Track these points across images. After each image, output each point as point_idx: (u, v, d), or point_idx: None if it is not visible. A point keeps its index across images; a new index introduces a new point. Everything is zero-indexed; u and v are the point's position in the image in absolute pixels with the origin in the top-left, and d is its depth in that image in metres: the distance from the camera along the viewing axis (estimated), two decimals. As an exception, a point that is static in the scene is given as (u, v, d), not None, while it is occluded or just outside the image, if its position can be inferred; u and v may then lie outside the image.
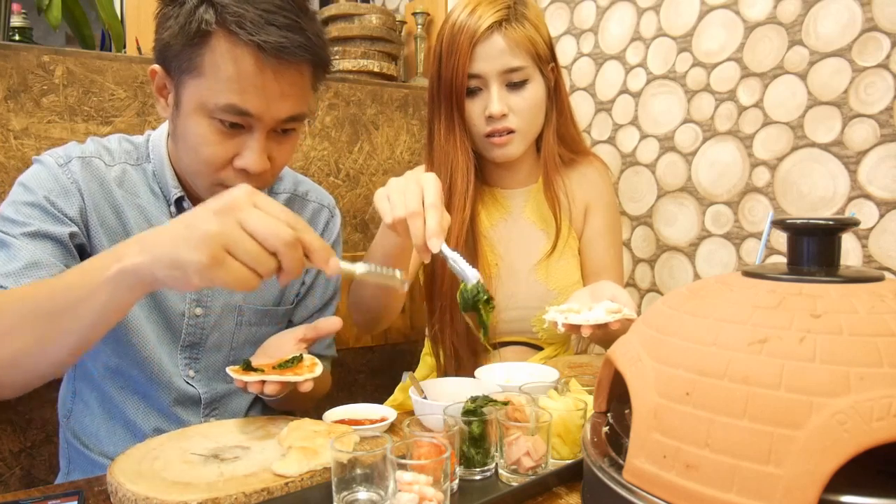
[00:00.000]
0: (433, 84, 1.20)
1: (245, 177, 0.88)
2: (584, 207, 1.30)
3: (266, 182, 0.94)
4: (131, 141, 0.99)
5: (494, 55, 1.12)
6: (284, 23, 0.82)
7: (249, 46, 0.81)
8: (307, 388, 0.83)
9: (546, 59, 1.19)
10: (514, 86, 1.15)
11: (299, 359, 0.88)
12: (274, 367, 0.86)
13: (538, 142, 1.27)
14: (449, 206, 1.15)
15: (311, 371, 0.85)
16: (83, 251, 0.91)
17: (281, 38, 0.81)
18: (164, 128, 0.98)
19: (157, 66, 0.89)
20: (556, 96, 1.23)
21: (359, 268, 0.72)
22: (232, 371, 0.85)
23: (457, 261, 0.82)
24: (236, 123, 0.85)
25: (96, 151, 0.95)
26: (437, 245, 0.80)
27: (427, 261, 0.83)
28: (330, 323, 0.95)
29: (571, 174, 1.29)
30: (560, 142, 1.26)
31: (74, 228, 0.89)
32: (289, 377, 0.83)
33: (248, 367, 0.86)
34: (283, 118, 0.87)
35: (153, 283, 0.65)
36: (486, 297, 0.85)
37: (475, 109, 1.16)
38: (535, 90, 1.17)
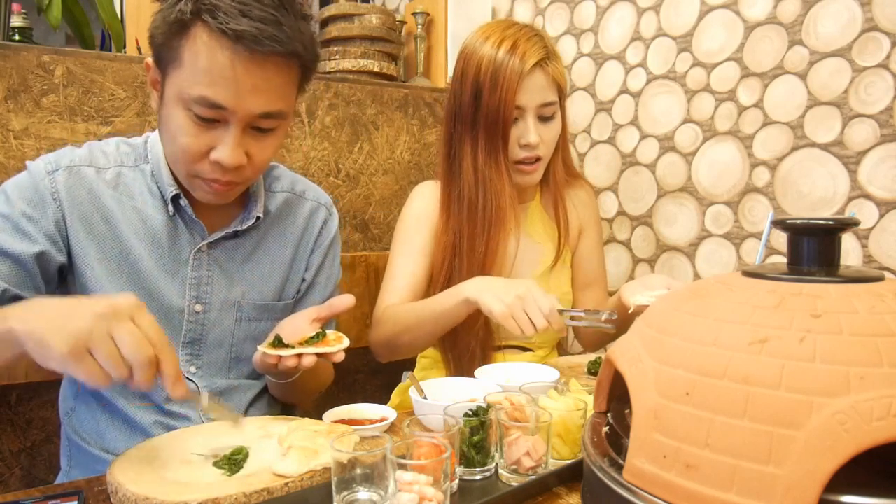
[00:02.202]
0: (466, 109, 1.25)
1: (220, 170, 0.89)
2: (578, 226, 1.42)
3: (244, 178, 0.94)
4: (129, 143, 1.01)
5: (535, 90, 1.21)
6: (259, 15, 0.83)
7: (223, 38, 0.82)
8: (340, 358, 0.89)
9: (565, 94, 1.29)
10: (545, 118, 1.24)
11: (323, 335, 0.92)
12: (301, 344, 0.90)
13: None
14: (495, 224, 1.25)
15: (340, 343, 0.90)
16: (61, 267, 0.93)
17: (253, 28, 0.82)
18: None
19: (149, 60, 0.92)
20: (563, 125, 1.31)
21: (204, 399, 0.79)
22: (265, 348, 0.89)
23: (580, 318, 1.10)
24: (211, 118, 0.86)
25: (87, 158, 0.96)
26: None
27: None
28: (343, 300, 0.97)
29: (568, 193, 1.39)
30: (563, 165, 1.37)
31: (42, 248, 0.90)
32: (325, 348, 0.88)
33: (279, 344, 0.89)
34: (257, 113, 0.88)
35: (26, 350, 0.70)
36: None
37: (510, 137, 1.24)
38: (559, 122, 1.27)
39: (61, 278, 0.95)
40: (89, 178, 0.95)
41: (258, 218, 1.03)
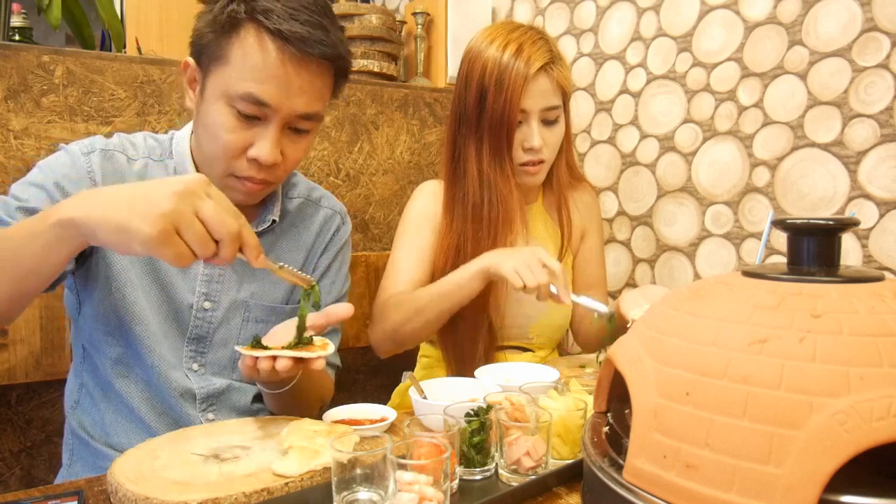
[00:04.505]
0: (470, 112, 1.25)
1: (256, 167, 0.92)
2: (580, 228, 1.42)
3: (277, 177, 0.96)
4: (156, 138, 1.04)
5: (539, 94, 1.21)
6: (307, 20, 0.88)
7: (275, 38, 0.87)
8: (319, 365, 0.83)
9: (569, 97, 1.29)
10: (549, 122, 1.24)
11: (308, 340, 0.87)
12: (283, 348, 0.84)
13: None
14: (502, 227, 1.25)
15: (324, 349, 0.84)
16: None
17: (303, 31, 0.87)
18: (188, 128, 1.02)
19: (189, 59, 0.95)
20: (567, 128, 1.31)
21: (282, 265, 0.79)
22: (241, 348, 0.84)
23: (586, 301, 1.11)
24: (253, 116, 0.89)
25: (120, 146, 0.99)
26: (569, 299, 1.08)
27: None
28: (340, 309, 0.94)
29: (571, 196, 1.39)
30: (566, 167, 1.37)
31: None
32: (301, 353, 0.81)
33: (257, 345, 0.84)
34: (299, 113, 0.91)
35: (90, 239, 0.70)
36: (613, 318, 1.12)
37: (514, 140, 1.25)
38: (562, 125, 1.27)
39: (79, 257, 0.95)
40: (121, 164, 0.98)
41: (273, 221, 1.05)
